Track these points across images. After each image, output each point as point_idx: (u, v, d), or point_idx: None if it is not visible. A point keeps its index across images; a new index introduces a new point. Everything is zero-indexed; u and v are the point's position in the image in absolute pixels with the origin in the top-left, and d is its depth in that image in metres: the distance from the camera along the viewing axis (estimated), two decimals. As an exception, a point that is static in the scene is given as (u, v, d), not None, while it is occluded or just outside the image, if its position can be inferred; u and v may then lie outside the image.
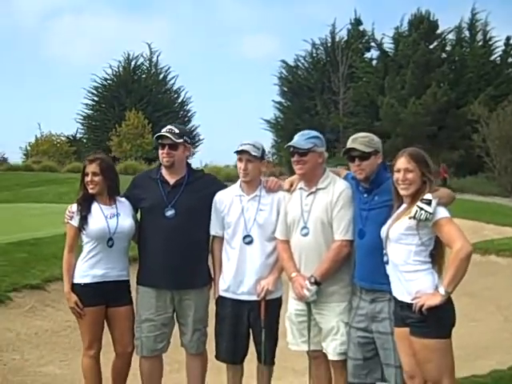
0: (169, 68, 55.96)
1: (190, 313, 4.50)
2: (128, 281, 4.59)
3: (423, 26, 41.74)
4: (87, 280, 4.45)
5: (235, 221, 4.41)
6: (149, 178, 4.69)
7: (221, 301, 4.49)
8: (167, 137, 4.46)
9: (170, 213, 4.44)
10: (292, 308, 4.34)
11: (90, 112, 54.38)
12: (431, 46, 42.18)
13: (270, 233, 4.37)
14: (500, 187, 31.24)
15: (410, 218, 3.61)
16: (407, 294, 3.64)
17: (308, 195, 4.28)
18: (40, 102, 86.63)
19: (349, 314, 4.15)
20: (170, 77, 56.23)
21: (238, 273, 4.38)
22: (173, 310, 4.54)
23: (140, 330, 4.50)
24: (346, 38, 48.40)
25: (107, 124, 49.68)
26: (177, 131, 4.51)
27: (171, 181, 4.56)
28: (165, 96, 54.59)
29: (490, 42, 44.08)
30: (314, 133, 4.33)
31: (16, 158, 44.23)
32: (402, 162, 3.73)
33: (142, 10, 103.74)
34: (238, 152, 4.40)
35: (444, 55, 42.58)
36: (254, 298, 4.35)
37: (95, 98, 53.98)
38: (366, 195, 4.09)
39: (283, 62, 49.61)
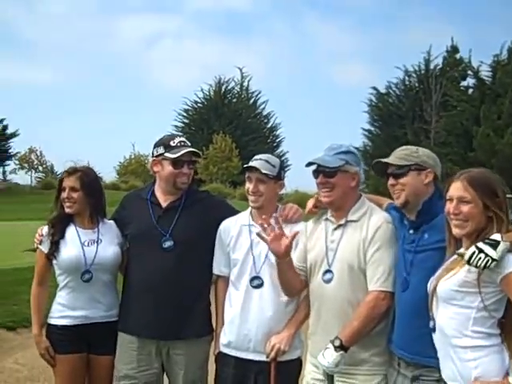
0: (259, 93, 55.84)
1: (179, 371, 3.56)
2: (117, 322, 3.71)
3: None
4: (65, 322, 3.64)
5: (242, 258, 3.48)
6: (138, 198, 3.81)
7: (221, 358, 3.54)
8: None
9: (168, 244, 3.54)
10: (309, 376, 3.33)
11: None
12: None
13: None
14: None
15: (463, 263, 2.57)
16: (462, 379, 2.56)
17: (335, 229, 3.30)
18: (136, 125, 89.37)
19: None
20: (260, 101, 56.02)
21: (243, 324, 3.42)
22: (160, 365, 3.60)
23: None
24: (441, 65, 46.55)
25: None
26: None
27: (164, 203, 3.66)
28: (254, 120, 54.43)
29: None
30: (347, 146, 3.35)
31: (111, 177, 45.17)
32: (455, 189, 2.71)
33: (239, 34, 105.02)
34: (246, 169, 3.47)
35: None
36: (263, 358, 3.37)
37: (185, 121, 54.60)
38: (411, 232, 3.07)
39: (374, 88, 48.27)
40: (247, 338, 3.39)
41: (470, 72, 44.24)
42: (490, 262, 2.47)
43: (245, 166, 3.47)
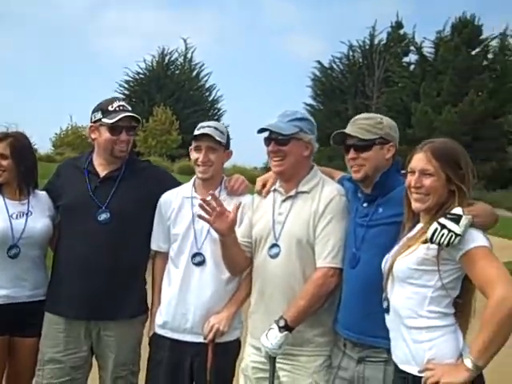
0: (203, 65, 54.88)
1: (110, 354, 3.29)
2: (44, 302, 3.39)
3: (467, 30, 39.88)
4: None
5: (183, 232, 3.22)
6: (73, 167, 3.50)
7: (156, 340, 3.28)
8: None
9: (103, 216, 3.25)
10: (248, 359, 3.13)
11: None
12: (473, 52, 40.37)
13: None
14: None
15: (424, 242, 2.40)
16: (414, 361, 2.41)
17: (284, 201, 3.08)
18: (76, 96, 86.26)
19: (326, 373, 2.93)
20: (203, 73, 55.12)
21: (180, 303, 3.17)
22: (89, 348, 3.32)
23: (42, 373, 3.29)
24: (385, 41, 46.80)
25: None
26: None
27: (102, 172, 3.37)
28: (196, 93, 53.54)
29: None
30: (302, 113, 3.14)
31: (46, 149, 43.57)
32: (418, 160, 2.53)
33: (186, 5, 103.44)
34: (195, 138, 3.21)
35: (486, 62, 40.76)
36: (201, 339, 3.14)
37: (126, 92, 53.27)
38: (365, 205, 2.88)
39: (318, 62, 48.25)
40: (184, 319, 3.15)
41: (412, 48, 44.73)
42: (453, 237, 2.31)
43: (195, 133, 3.19)
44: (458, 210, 2.37)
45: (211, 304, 3.14)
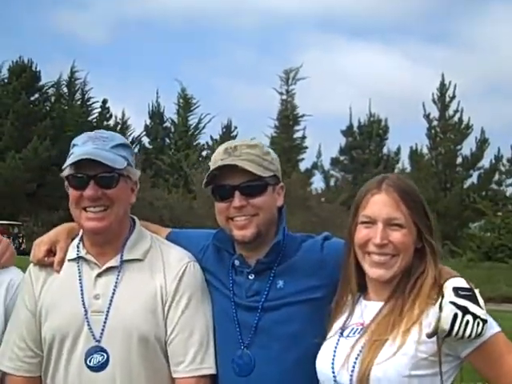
0: None
1: None
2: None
3: (25, 75, 39.15)
4: None
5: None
6: None
7: None
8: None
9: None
10: None
11: None
12: (33, 98, 40.06)
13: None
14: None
15: (429, 335, 1.70)
16: None
17: (99, 275, 2.04)
18: None
19: None
20: None
21: None
22: None
23: None
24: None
25: None
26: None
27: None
28: None
29: (89, 103, 44.28)
30: (119, 137, 2.14)
31: None
32: (381, 204, 1.84)
33: None
34: None
35: (46, 109, 40.78)
36: None
37: None
38: (252, 277, 2.04)
39: None
40: None
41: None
42: (481, 325, 1.68)
43: None
44: (461, 282, 1.76)
45: None
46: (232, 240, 2.06)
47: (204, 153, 41.13)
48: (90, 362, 1.95)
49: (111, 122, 43.59)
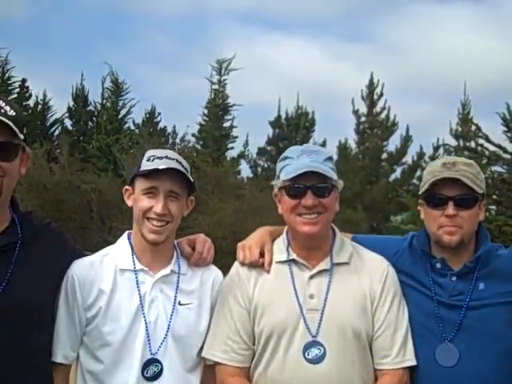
0: None
1: None
2: None
3: None
4: None
5: (125, 330, 2.14)
6: None
7: None
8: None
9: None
10: None
11: None
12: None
13: (194, 355, 2.24)
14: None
15: None
16: None
17: (312, 277, 2.26)
18: None
19: None
20: None
21: None
22: None
23: None
24: None
25: None
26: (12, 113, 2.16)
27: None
28: None
29: (9, 81, 42.40)
30: (325, 151, 2.42)
31: None
32: None
33: None
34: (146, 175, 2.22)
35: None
36: None
37: None
38: (454, 279, 2.32)
39: None
40: None
41: None
42: None
43: (147, 168, 2.22)
44: None
45: None
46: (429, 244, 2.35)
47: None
48: (308, 355, 2.18)
49: (30, 102, 42.09)
